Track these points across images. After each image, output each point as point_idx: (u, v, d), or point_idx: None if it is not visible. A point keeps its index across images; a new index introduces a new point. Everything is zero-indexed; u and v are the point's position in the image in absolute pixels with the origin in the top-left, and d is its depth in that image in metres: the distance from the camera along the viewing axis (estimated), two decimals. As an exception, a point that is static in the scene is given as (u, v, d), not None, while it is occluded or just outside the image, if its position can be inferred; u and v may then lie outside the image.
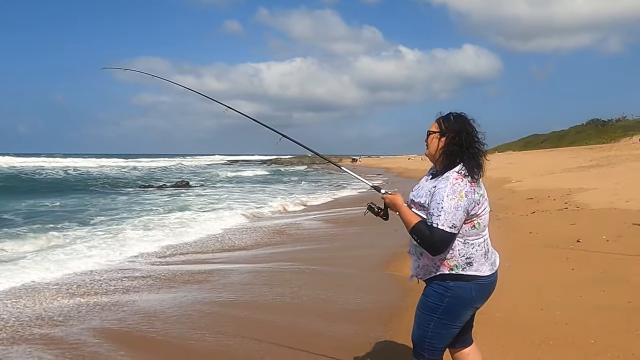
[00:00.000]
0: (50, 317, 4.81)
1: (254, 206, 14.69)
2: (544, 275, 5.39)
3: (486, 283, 2.42)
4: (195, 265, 7.17)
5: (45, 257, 7.33)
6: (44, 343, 4.15)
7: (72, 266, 6.79)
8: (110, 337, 4.27)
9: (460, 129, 2.40)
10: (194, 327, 4.50)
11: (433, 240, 2.26)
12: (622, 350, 3.40)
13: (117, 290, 5.79)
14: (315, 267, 6.80)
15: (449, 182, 2.31)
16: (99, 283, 6.07)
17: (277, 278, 6.24)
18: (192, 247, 8.58)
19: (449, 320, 2.42)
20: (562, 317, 4.10)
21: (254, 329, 4.40)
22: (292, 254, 7.87)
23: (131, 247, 8.27)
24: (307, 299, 5.29)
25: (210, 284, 6.03)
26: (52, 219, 12.22)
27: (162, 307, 5.07)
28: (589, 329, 3.79)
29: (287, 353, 3.88)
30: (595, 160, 22.43)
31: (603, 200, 10.17)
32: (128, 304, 5.21)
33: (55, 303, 5.25)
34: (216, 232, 10.12)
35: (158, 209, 14.29)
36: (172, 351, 4.01)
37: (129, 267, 6.98)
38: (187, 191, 22.23)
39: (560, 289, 4.82)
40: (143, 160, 72.67)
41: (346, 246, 8.39)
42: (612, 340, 3.58)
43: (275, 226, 10.94)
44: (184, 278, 6.31)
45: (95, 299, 5.42)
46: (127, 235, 9.34)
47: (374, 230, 8.95)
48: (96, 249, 8.04)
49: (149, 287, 5.94)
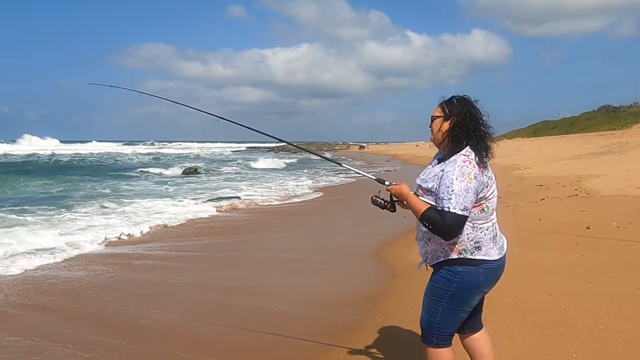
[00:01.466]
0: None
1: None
2: (554, 262, 5.38)
3: (494, 267, 2.41)
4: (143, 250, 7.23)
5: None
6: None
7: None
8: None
9: (465, 111, 2.39)
10: (166, 310, 4.56)
11: (446, 224, 2.23)
12: (632, 336, 3.40)
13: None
14: (294, 255, 6.83)
15: (457, 165, 2.29)
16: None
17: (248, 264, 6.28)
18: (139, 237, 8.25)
19: (457, 306, 2.43)
20: (571, 303, 4.09)
21: (229, 314, 4.47)
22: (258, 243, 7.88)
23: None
24: (286, 285, 5.35)
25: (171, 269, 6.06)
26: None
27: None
28: (598, 315, 3.79)
29: (266, 337, 3.90)
30: (606, 147, 22.17)
31: (613, 186, 10.09)
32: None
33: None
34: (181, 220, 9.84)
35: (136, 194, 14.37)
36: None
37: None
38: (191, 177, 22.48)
39: (570, 276, 4.81)
40: (167, 146, 73.83)
41: (335, 234, 8.40)
42: (621, 326, 3.58)
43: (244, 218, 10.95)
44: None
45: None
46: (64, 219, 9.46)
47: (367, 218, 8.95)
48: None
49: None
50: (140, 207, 11.40)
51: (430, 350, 2.49)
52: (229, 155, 55.31)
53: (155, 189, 16.48)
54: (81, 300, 4.88)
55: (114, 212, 10.71)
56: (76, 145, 73.15)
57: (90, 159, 40.26)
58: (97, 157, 45.16)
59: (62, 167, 29.75)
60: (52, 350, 3.72)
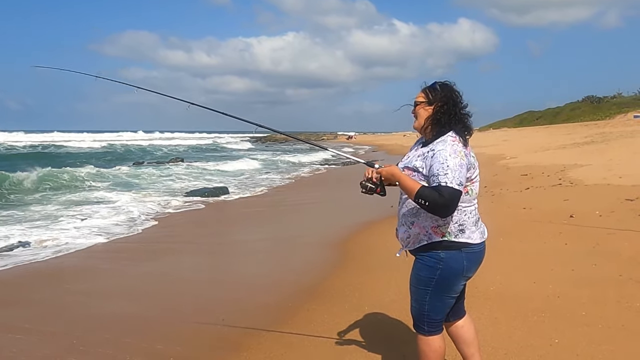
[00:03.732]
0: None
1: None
2: (537, 250, 5.46)
3: (477, 251, 2.45)
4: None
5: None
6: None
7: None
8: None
9: (448, 97, 2.43)
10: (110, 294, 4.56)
11: (444, 199, 2.22)
12: (612, 322, 3.48)
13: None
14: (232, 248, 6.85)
15: (448, 143, 2.33)
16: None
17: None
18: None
19: (443, 292, 2.45)
20: (554, 290, 4.16)
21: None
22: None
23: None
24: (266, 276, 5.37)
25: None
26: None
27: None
28: (580, 302, 3.86)
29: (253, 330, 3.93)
30: (590, 137, 22.49)
31: (597, 176, 10.24)
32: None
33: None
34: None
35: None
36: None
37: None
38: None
39: (553, 263, 4.89)
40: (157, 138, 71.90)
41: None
42: (602, 312, 3.66)
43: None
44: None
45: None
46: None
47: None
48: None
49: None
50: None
51: (422, 338, 2.51)
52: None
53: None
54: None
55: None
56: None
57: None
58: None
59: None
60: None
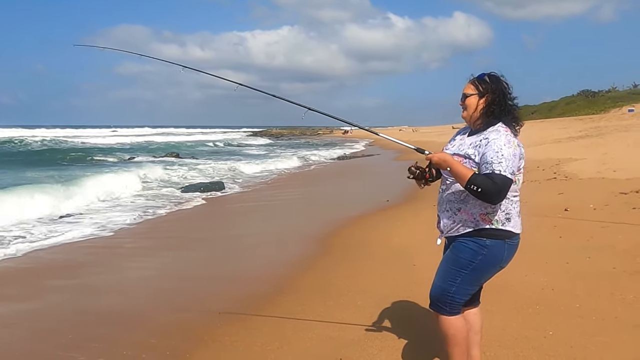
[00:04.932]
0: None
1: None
2: (532, 243, 5.45)
3: (516, 243, 2.49)
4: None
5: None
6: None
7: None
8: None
9: (498, 88, 2.45)
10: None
11: (497, 186, 2.25)
12: (605, 314, 3.51)
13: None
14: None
15: (502, 134, 2.36)
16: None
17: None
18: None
19: (477, 278, 2.50)
20: (548, 282, 4.19)
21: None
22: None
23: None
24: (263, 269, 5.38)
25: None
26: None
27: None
28: (574, 294, 3.89)
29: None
30: (585, 131, 22.57)
31: (591, 170, 10.30)
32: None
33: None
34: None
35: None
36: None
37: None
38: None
39: (548, 256, 4.92)
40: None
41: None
42: (596, 304, 3.69)
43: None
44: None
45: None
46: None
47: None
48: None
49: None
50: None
51: (445, 320, 2.54)
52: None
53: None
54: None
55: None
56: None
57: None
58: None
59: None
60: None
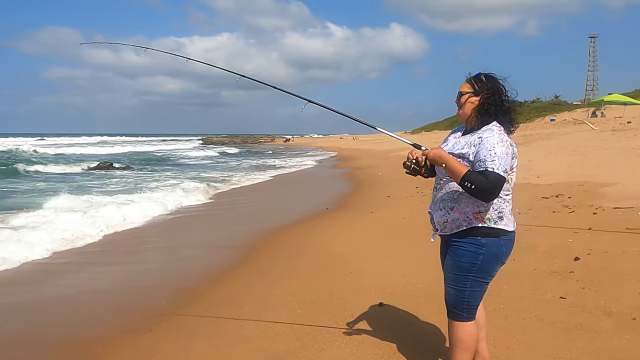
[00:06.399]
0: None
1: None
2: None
3: (511, 238, 2.52)
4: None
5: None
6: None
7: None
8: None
9: (494, 88, 2.49)
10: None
11: (490, 184, 2.28)
12: (527, 313, 3.71)
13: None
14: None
15: (495, 132, 2.40)
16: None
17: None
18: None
19: (483, 277, 2.51)
20: (476, 285, 4.37)
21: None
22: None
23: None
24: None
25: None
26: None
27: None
28: (499, 295, 4.07)
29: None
30: (513, 139, 23.83)
31: (518, 176, 10.78)
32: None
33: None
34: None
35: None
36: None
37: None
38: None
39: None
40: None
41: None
42: (519, 304, 3.89)
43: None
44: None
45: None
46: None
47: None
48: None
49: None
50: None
51: (459, 325, 2.55)
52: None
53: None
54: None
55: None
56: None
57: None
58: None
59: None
60: None
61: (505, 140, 2.39)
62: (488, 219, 2.44)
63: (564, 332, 3.36)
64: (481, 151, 2.35)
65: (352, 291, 4.45)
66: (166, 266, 6.09)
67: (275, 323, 3.82)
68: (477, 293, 2.54)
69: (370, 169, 18.87)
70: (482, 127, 2.45)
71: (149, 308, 4.41)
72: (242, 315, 4.04)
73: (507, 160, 2.34)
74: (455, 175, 2.36)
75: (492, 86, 2.48)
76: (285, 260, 5.84)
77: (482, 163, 2.32)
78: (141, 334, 3.82)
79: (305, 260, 5.72)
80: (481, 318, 2.75)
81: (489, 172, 2.29)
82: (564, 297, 3.93)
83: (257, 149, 57.14)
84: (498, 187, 2.30)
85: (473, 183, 2.29)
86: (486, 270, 2.50)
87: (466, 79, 2.55)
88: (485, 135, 2.40)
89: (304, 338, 3.53)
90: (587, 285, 4.13)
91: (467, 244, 2.47)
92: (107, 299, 4.81)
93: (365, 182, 14.39)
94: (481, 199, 2.36)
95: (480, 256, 2.45)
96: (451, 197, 2.49)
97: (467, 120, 2.54)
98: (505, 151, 2.35)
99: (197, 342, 3.60)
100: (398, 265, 5.16)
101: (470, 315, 2.55)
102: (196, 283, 5.10)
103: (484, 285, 2.55)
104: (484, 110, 2.47)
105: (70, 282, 5.42)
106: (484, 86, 2.49)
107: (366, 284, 4.61)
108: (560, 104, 55.33)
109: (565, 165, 12.17)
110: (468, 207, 2.44)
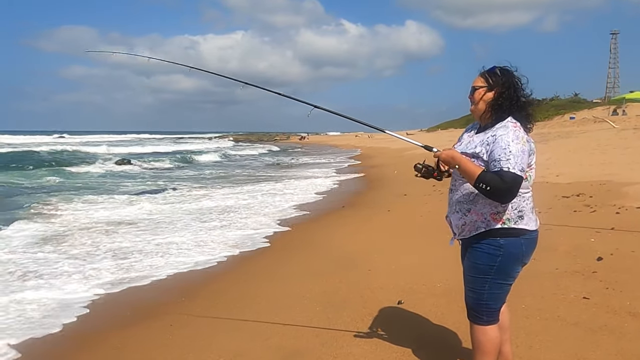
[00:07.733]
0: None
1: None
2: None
3: (533, 237, 2.43)
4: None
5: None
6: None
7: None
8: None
9: (509, 82, 2.38)
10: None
11: (506, 184, 2.18)
12: (549, 313, 3.66)
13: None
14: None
15: (509, 129, 2.29)
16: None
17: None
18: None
19: (503, 279, 2.42)
20: (496, 284, 4.33)
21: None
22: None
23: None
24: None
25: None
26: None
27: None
28: (520, 295, 4.01)
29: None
30: (531, 137, 23.55)
31: (536, 174, 10.66)
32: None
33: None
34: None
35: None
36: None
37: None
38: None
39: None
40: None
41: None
42: (540, 304, 3.84)
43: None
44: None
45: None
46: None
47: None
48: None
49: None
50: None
51: (479, 328, 2.48)
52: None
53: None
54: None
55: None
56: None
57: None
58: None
59: None
60: None
61: (520, 136, 2.28)
62: (507, 219, 2.34)
63: (587, 332, 3.31)
64: (495, 150, 2.25)
65: (370, 289, 4.44)
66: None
67: (295, 320, 3.83)
68: (497, 295, 2.45)
69: (385, 167, 18.78)
70: (496, 124, 2.35)
71: (168, 304, 4.46)
72: (261, 312, 4.07)
73: (523, 158, 2.24)
74: (470, 177, 2.28)
75: (507, 80, 2.37)
76: (303, 258, 5.86)
77: (496, 163, 2.22)
78: (161, 329, 3.86)
79: (323, 258, 5.72)
80: (504, 320, 2.65)
81: (504, 171, 2.19)
82: (587, 297, 3.87)
83: (282, 145, 56.55)
84: (515, 187, 2.21)
85: (488, 184, 2.20)
86: (505, 271, 2.41)
87: (480, 73, 2.44)
88: (499, 133, 2.29)
89: (324, 335, 3.54)
90: (611, 286, 4.06)
91: (485, 245, 2.39)
92: (126, 293, 4.87)
93: (380, 180, 14.34)
94: (498, 200, 2.26)
95: (498, 257, 2.37)
96: (467, 198, 2.40)
97: (481, 117, 2.44)
98: (521, 148, 2.24)
99: (217, 338, 3.63)
100: (416, 264, 5.14)
101: (490, 319, 2.47)
102: (215, 281, 5.15)
103: (504, 287, 2.46)
104: (498, 106, 2.36)
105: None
106: (499, 80, 2.37)
107: (384, 282, 4.60)
108: (579, 101, 54.31)
109: (585, 164, 11.98)
110: (485, 208, 2.35)
